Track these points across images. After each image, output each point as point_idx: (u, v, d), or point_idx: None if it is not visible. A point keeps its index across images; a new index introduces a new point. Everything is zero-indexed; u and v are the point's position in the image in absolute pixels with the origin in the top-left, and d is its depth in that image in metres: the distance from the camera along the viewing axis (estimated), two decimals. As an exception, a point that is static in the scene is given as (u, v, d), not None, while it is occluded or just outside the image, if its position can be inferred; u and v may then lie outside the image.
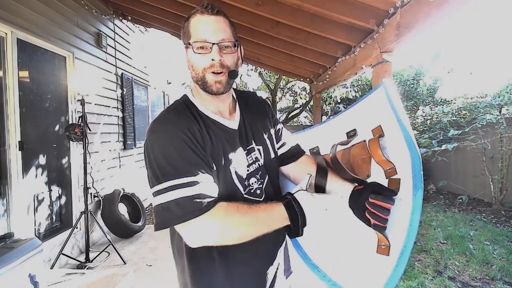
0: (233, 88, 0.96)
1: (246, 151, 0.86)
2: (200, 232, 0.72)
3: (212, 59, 0.77)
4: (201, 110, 0.84)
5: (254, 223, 0.74)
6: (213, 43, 0.76)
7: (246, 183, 0.85)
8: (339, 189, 0.84)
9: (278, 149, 1.01)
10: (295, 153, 1.02)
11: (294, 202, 0.77)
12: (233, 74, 0.80)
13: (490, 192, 4.80)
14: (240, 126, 0.88)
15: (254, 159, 0.88)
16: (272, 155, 0.95)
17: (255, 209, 0.75)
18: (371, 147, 0.89)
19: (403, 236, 0.74)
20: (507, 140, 4.59)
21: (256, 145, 0.90)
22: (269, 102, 0.99)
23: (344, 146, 1.00)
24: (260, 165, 0.89)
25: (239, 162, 0.83)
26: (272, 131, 0.99)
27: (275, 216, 0.76)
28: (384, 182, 0.83)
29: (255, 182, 0.87)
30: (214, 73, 0.78)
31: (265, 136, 0.94)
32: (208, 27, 0.77)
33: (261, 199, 0.87)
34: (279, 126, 1.04)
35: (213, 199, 0.73)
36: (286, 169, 1.02)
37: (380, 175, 0.85)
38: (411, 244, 0.73)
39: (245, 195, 0.84)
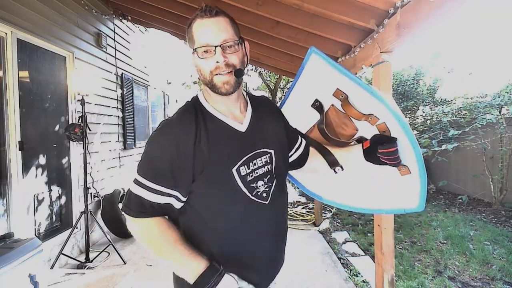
0: (247, 92, 1.01)
1: (253, 154, 0.86)
2: (129, 228, 0.85)
3: (217, 61, 0.79)
4: (210, 112, 0.85)
5: (163, 255, 0.81)
6: (216, 46, 0.78)
7: (253, 185, 0.85)
8: (350, 154, 1.05)
9: (293, 153, 1.09)
10: (306, 153, 1.13)
11: (218, 274, 0.78)
12: (239, 72, 0.81)
13: (490, 192, 4.80)
14: (249, 129, 0.88)
15: (264, 163, 0.88)
16: (283, 161, 0.96)
17: (173, 246, 0.80)
18: (346, 109, 1.07)
19: (412, 154, 0.94)
20: (507, 140, 4.59)
21: (268, 149, 0.90)
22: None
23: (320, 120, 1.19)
24: (269, 169, 0.89)
25: (244, 164, 0.83)
26: (285, 137, 1.00)
27: (183, 264, 0.80)
28: (373, 129, 1.02)
29: (262, 185, 0.87)
30: (221, 74, 0.80)
31: (278, 142, 0.95)
32: (209, 30, 0.79)
33: (266, 202, 0.87)
34: (293, 132, 1.09)
35: (148, 212, 0.81)
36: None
37: (366, 125, 1.03)
38: (420, 153, 0.93)
39: (251, 197, 0.84)
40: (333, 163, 1.09)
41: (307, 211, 4.83)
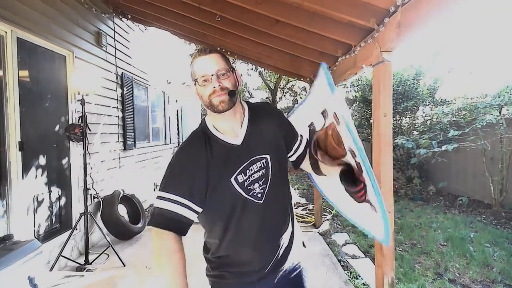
0: (246, 102, 1.17)
1: (250, 161, 1.03)
2: (153, 241, 0.97)
3: (214, 87, 0.98)
4: (213, 134, 1.05)
5: (161, 270, 0.96)
6: (212, 74, 0.98)
7: (249, 187, 1.02)
8: (331, 173, 1.15)
9: (293, 154, 1.21)
10: (304, 154, 1.24)
11: None
12: (232, 93, 1.00)
13: (490, 193, 4.79)
14: (244, 140, 1.05)
15: (259, 168, 1.05)
16: (279, 163, 1.10)
17: (173, 269, 0.96)
18: (334, 134, 1.14)
19: (375, 199, 0.99)
20: (507, 141, 4.58)
21: (263, 154, 1.06)
22: (279, 110, 1.22)
23: (319, 129, 1.27)
24: (264, 172, 1.05)
25: (241, 172, 1.01)
26: (282, 140, 1.14)
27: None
28: (353, 162, 1.07)
29: (258, 187, 1.03)
30: (217, 96, 0.98)
31: (274, 146, 1.10)
32: (205, 63, 1.00)
33: (260, 202, 1.03)
34: (292, 133, 1.21)
35: (169, 223, 0.95)
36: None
37: (350, 156, 1.08)
38: (382, 200, 0.99)
39: (246, 197, 1.01)
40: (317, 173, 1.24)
41: (307, 213, 4.82)
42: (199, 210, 0.98)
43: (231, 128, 1.06)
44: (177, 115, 7.67)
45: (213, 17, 3.05)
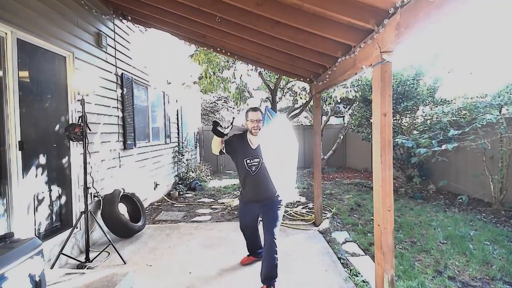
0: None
1: (254, 156, 2.56)
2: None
3: (254, 126, 2.52)
4: (247, 138, 2.62)
5: (213, 143, 2.58)
6: (254, 120, 2.51)
7: (250, 166, 2.56)
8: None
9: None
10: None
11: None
12: (259, 129, 2.49)
13: (490, 192, 4.80)
14: (255, 148, 2.56)
15: (255, 161, 2.57)
16: (265, 163, 2.44)
17: (216, 141, 2.54)
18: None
19: None
20: (507, 140, 4.59)
21: (259, 157, 2.53)
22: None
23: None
24: (257, 164, 2.56)
25: (249, 159, 2.56)
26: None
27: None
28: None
29: (253, 167, 2.57)
30: (254, 129, 2.53)
31: (264, 157, 2.42)
32: (253, 115, 2.53)
33: (253, 174, 2.57)
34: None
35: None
36: None
37: None
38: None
39: (248, 169, 2.56)
40: None
41: (307, 211, 4.83)
42: (226, 154, 2.59)
43: (253, 142, 2.56)
44: (177, 115, 7.67)
45: (212, 18, 3.06)
